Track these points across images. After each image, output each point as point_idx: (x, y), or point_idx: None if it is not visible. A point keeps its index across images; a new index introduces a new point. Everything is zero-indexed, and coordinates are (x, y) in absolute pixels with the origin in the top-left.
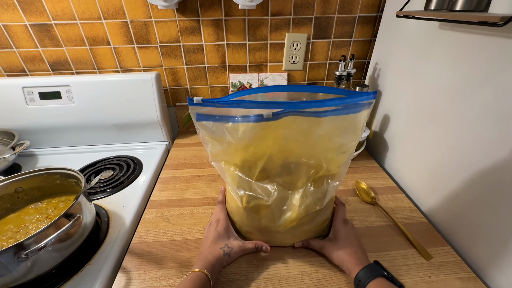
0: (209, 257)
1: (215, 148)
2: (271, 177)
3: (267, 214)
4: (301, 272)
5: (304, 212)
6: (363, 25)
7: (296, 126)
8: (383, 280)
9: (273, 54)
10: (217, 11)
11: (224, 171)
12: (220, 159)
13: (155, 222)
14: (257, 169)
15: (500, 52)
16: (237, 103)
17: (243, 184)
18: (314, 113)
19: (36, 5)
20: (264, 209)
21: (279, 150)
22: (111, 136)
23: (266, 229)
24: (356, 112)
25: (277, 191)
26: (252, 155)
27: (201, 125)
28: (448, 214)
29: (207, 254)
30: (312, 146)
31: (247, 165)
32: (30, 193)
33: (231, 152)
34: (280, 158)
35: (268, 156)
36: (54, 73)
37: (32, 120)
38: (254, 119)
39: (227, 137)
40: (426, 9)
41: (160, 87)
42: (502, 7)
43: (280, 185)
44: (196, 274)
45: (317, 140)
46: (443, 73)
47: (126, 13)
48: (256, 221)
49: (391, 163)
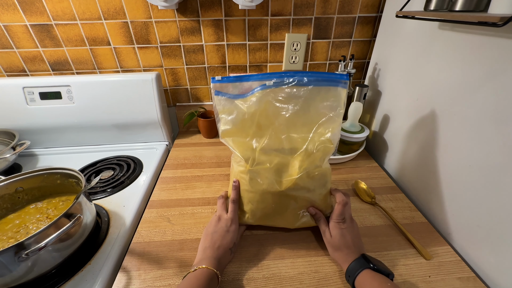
0: (219, 255)
1: (227, 124)
2: (274, 147)
3: (269, 176)
4: (301, 272)
5: (303, 170)
6: (363, 25)
7: (291, 96)
8: (370, 272)
9: (273, 54)
10: (217, 11)
11: (232, 144)
12: (229, 135)
13: (155, 222)
14: (262, 139)
15: (500, 52)
16: (247, 77)
17: (248, 153)
18: (303, 82)
19: (36, 5)
20: (266, 172)
21: (280, 125)
22: (112, 136)
23: (268, 195)
24: (333, 85)
25: (278, 157)
26: (257, 128)
27: (218, 100)
28: (448, 214)
29: (216, 251)
30: (306, 114)
31: (252, 138)
32: (30, 193)
33: (240, 125)
34: (282, 132)
35: (271, 130)
36: (55, 73)
37: (33, 120)
38: (260, 88)
39: (239, 108)
40: (425, 9)
41: (160, 87)
42: (501, 7)
43: (281, 152)
44: (205, 271)
45: (309, 106)
46: (443, 73)
47: (126, 13)
48: (259, 185)
49: (391, 163)
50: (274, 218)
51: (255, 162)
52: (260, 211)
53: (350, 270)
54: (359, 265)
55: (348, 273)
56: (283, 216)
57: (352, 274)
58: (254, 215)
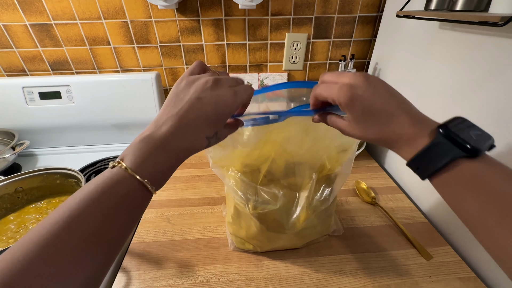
0: (182, 147)
1: (217, 154)
2: (276, 180)
3: (276, 219)
4: (301, 272)
5: (312, 212)
6: (363, 25)
7: (297, 126)
8: (467, 165)
9: (273, 54)
10: (217, 11)
11: (226, 177)
12: (222, 164)
13: (155, 222)
14: (261, 173)
15: (500, 52)
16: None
17: (247, 189)
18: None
19: (36, 5)
20: (272, 214)
21: (282, 152)
22: (111, 136)
23: (273, 235)
24: None
25: (283, 194)
26: (256, 159)
27: None
28: (448, 214)
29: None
30: (313, 145)
31: (250, 169)
32: (30, 193)
33: (235, 157)
34: (284, 160)
35: (272, 159)
36: (54, 73)
37: (32, 120)
38: (261, 121)
39: (232, 142)
40: (426, 9)
41: (160, 87)
42: (502, 7)
43: (285, 187)
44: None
45: (317, 139)
46: (443, 73)
47: (126, 13)
48: (264, 227)
49: (391, 163)
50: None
51: (258, 202)
52: (265, 245)
53: (421, 162)
54: (443, 152)
55: (416, 165)
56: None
57: (429, 170)
58: (259, 247)
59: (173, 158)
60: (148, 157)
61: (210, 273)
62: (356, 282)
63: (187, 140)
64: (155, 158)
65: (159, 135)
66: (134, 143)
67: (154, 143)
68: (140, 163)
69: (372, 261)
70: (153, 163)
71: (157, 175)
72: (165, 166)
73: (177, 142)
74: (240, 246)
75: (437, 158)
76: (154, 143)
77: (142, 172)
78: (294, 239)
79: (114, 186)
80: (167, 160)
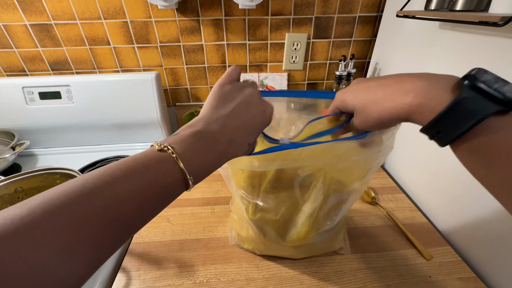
0: (230, 150)
1: None
2: (281, 188)
3: (274, 229)
4: (301, 272)
5: (314, 230)
6: (363, 25)
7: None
8: (501, 123)
9: (273, 54)
10: (217, 11)
11: (230, 178)
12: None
13: (155, 222)
14: (267, 177)
15: (500, 52)
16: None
17: (249, 193)
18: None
19: (36, 5)
20: (270, 223)
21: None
22: (111, 136)
23: (271, 243)
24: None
25: (286, 205)
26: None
27: None
28: (448, 214)
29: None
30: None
31: (257, 173)
32: (30, 193)
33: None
34: (292, 170)
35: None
36: (54, 73)
37: (32, 120)
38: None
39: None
40: (426, 9)
41: (160, 87)
42: (502, 7)
43: (290, 198)
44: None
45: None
46: (443, 73)
47: (126, 13)
48: (261, 235)
49: (391, 163)
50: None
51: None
52: (263, 250)
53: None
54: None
55: (436, 129)
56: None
57: (448, 129)
58: (257, 250)
59: (218, 159)
60: (199, 154)
61: (210, 273)
62: (356, 282)
63: (235, 144)
64: (203, 156)
65: (211, 134)
66: (184, 136)
67: (206, 141)
68: (190, 157)
69: (372, 261)
70: (201, 161)
71: (200, 173)
72: (209, 166)
73: (226, 144)
74: (240, 243)
75: (463, 118)
76: (205, 141)
77: (190, 167)
78: (292, 251)
79: (159, 173)
80: (213, 160)
